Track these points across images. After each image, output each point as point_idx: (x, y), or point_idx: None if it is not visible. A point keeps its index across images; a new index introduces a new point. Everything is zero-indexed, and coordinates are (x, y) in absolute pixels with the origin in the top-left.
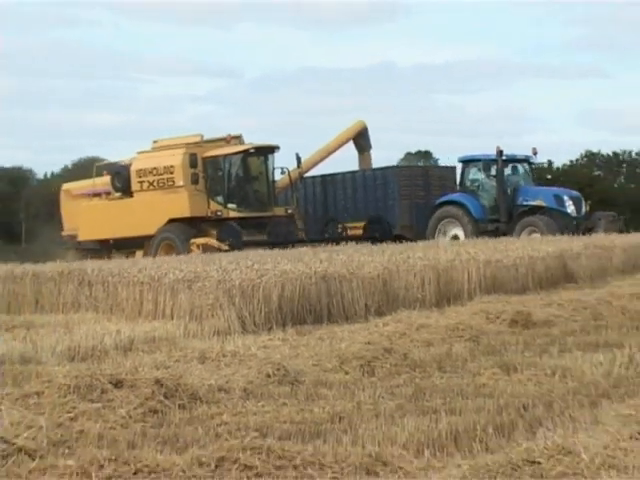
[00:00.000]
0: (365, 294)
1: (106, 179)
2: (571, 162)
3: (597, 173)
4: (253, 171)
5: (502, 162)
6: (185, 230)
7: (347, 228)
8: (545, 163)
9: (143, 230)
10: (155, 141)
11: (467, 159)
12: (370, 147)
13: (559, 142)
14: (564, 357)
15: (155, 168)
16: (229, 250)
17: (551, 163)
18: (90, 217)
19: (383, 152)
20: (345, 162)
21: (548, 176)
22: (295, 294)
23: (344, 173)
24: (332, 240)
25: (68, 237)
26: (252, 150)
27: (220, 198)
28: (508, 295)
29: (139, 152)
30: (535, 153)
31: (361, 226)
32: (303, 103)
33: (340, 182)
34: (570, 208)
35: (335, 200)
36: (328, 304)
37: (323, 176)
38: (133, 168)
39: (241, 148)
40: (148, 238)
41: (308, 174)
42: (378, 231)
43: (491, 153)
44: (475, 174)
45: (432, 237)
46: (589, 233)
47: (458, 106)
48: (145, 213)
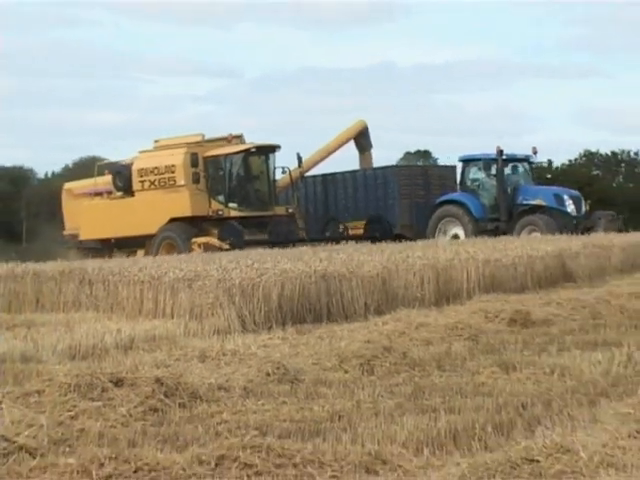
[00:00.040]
0: (364, 293)
1: (107, 178)
2: (570, 162)
3: (596, 173)
4: (254, 170)
5: (502, 161)
6: (186, 229)
7: (348, 228)
8: (545, 162)
9: (144, 229)
10: (156, 140)
11: (467, 158)
12: (371, 146)
13: (558, 142)
14: (563, 356)
15: (156, 167)
16: (230, 249)
17: (551, 162)
18: (91, 216)
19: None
20: (346, 162)
21: (548, 175)
22: (295, 293)
23: (344, 172)
24: (333, 239)
25: (70, 236)
26: (253, 149)
27: (221, 197)
28: (507, 294)
29: (140, 151)
30: (535, 152)
31: (361, 225)
32: (303, 103)
33: (340, 181)
34: (570, 207)
35: (336, 199)
36: (328, 303)
37: (324, 175)
38: (134, 167)
39: (242, 147)
40: (149, 237)
41: (309, 173)
42: (378, 230)
43: (491, 152)
44: (475, 173)
45: (432, 236)
46: (589, 232)
47: (457, 106)
48: (146, 212)
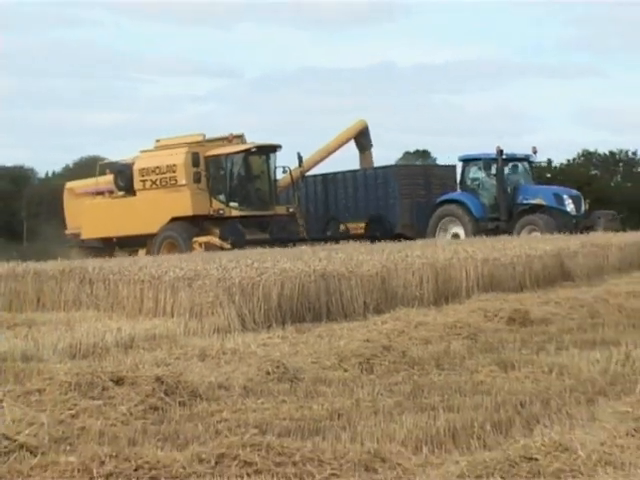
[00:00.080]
0: (364, 292)
1: (109, 178)
2: (568, 161)
3: (594, 172)
4: (255, 170)
5: (502, 161)
6: (188, 228)
7: (348, 227)
8: (545, 162)
9: (146, 228)
10: (158, 140)
11: (467, 158)
12: (371, 146)
13: (558, 141)
14: (561, 355)
15: (158, 167)
16: (231, 248)
17: (551, 162)
18: (93, 215)
19: (382, 151)
20: (346, 161)
21: (548, 175)
22: (294, 292)
23: (345, 172)
24: (333, 239)
25: (71, 235)
26: (254, 149)
27: (222, 197)
28: (506, 293)
29: (142, 151)
30: (535, 152)
31: (362, 225)
32: (303, 103)
33: (341, 181)
34: (570, 207)
35: (336, 199)
36: (327, 302)
37: (324, 175)
38: (136, 167)
39: (243, 147)
40: (151, 236)
41: (309, 173)
42: (379, 230)
43: (491, 152)
44: (475, 173)
45: (433, 236)
46: (588, 232)
47: (457, 106)
48: (148, 212)
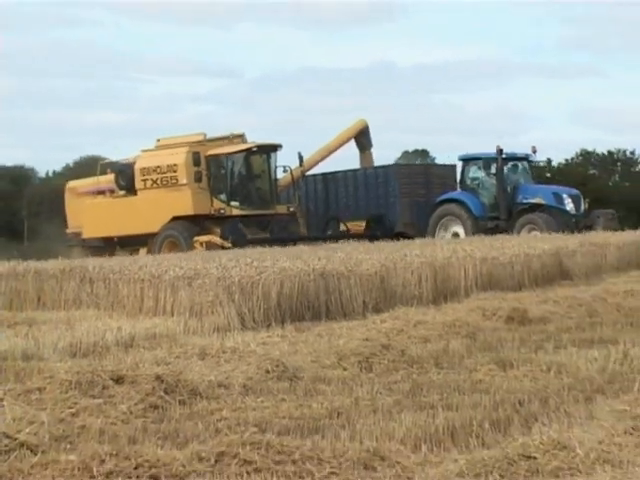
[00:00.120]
0: (363, 291)
1: (110, 177)
2: (566, 161)
3: (592, 172)
4: (256, 169)
5: (502, 160)
6: (189, 228)
7: (348, 226)
8: (544, 161)
9: (147, 228)
10: (159, 140)
11: (467, 157)
12: (371, 145)
13: (557, 141)
14: (559, 353)
15: (159, 166)
16: (232, 247)
17: (550, 161)
18: (94, 215)
19: (381, 151)
20: (346, 160)
21: (547, 174)
22: (294, 291)
23: (345, 171)
24: (334, 238)
25: (73, 235)
26: (255, 149)
27: (223, 196)
28: (504, 292)
29: (143, 150)
30: (534, 151)
31: (362, 224)
32: (303, 102)
33: (341, 180)
34: (569, 206)
35: (336, 198)
36: (326, 301)
37: (324, 174)
38: (137, 166)
39: (244, 147)
40: (152, 236)
41: (310, 172)
42: (379, 229)
43: (491, 151)
44: (475, 172)
45: (433, 235)
46: (588, 231)
47: (456, 105)
48: (149, 211)
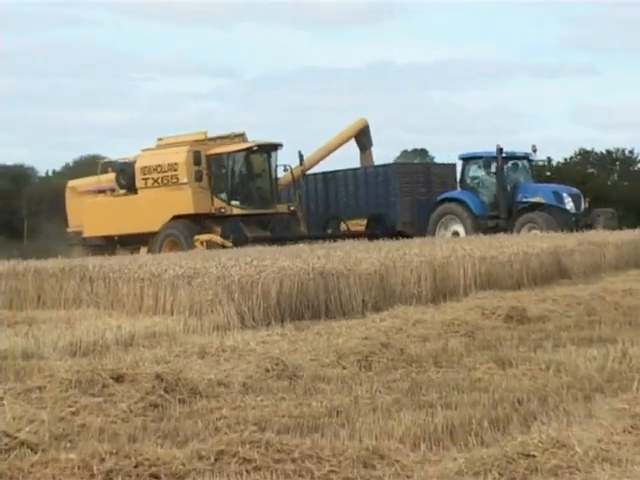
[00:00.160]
0: (362, 290)
1: (111, 176)
2: (565, 160)
3: (591, 171)
4: (256, 168)
5: (502, 159)
6: (189, 227)
7: (349, 225)
8: (545, 160)
9: (147, 227)
10: (159, 139)
11: (467, 156)
12: (371, 145)
13: (557, 140)
14: (558, 352)
15: (159, 165)
16: (233, 247)
17: (550, 160)
18: (95, 214)
19: (380, 150)
20: (347, 159)
21: (547, 173)
22: (293, 290)
23: (345, 170)
24: (334, 237)
25: (73, 233)
26: (255, 148)
27: (224, 195)
28: (503, 291)
29: (144, 149)
30: (534, 150)
31: (363, 223)
32: (303, 101)
33: (341, 179)
34: (569, 205)
35: (337, 197)
36: (326, 300)
37: (324, 173)
38: (138, 165)
39: (244, 146)
40: (152, 235)
41: (310, 171)
42: (380, 228)
43: (491, 150)
44: (475, 171)
45: (433, 234)
46: (588, 230)
47: (456, 104)
48: (149, 210)
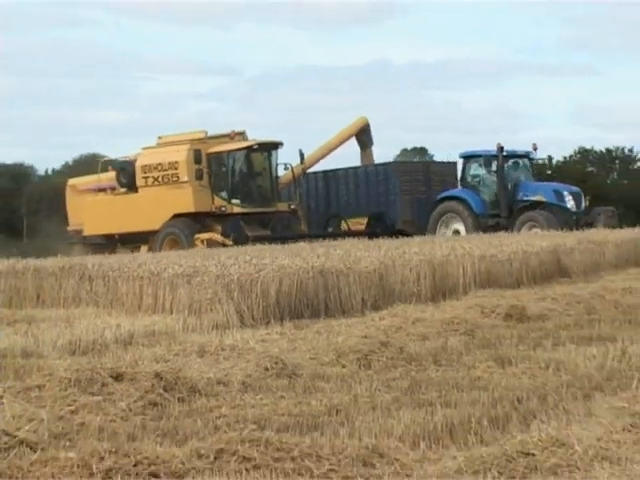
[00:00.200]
0: (362, 288)
1: (111, 175)
2: (565, 158)
3: (590, 169)
4: (257, 167)
5: (503, 158)
6: (190, 225)
7: (349, 224)
8: (545, 159)
9: (148, 225)
10: (160, 137)
11: (468, 155)
12: (372, 143)
13: (557, 140)
14: (558, 350)
15: (160, 164)
16: (233, 245)
17: (551, 159)
18: (95, 212)
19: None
20: (347, 158)
21: (548, 172)
22: (293, 289)
23: (346, 169)
24: (334, 235)
25: (74, 232)
26: (256, 146)
27: (224, 194)
28: (502, 289)
29: (144, 148)
30: (535, 149)
31: (363, 221)
32: (303, 100)
33: (342, 178)
34: (570, 203)
35: (337, 196)
36: (325, 298)
37: (325, 172)
38: (138, 164)
39: (245, 144)
40: (153, 233)
41: (310, 170)
42: (380, 226)
43: (492, 149)
44: (476, 169)
45: (433, 232)
46: (589, 228)
47: (455, 103)
48: (150, 208)
